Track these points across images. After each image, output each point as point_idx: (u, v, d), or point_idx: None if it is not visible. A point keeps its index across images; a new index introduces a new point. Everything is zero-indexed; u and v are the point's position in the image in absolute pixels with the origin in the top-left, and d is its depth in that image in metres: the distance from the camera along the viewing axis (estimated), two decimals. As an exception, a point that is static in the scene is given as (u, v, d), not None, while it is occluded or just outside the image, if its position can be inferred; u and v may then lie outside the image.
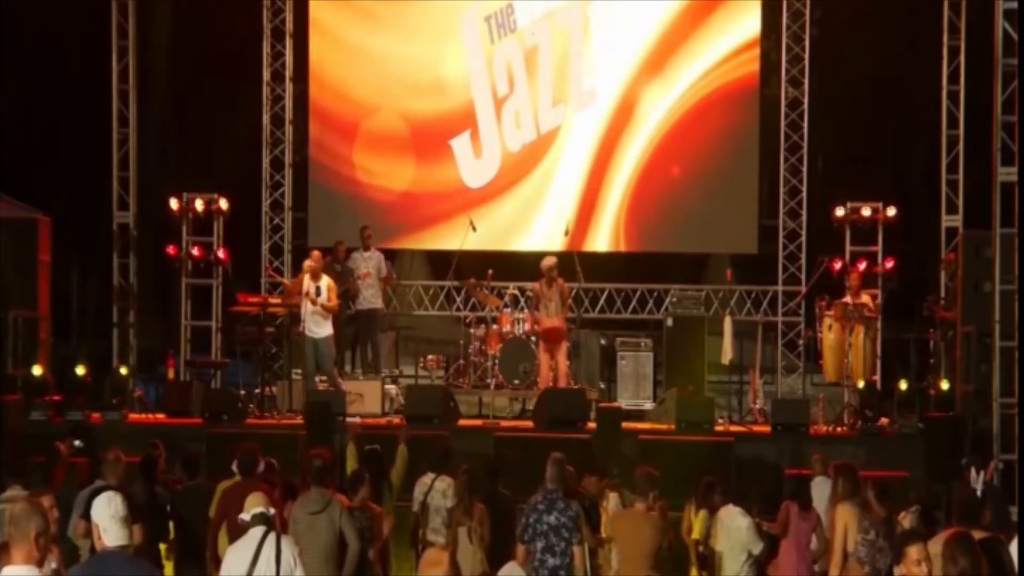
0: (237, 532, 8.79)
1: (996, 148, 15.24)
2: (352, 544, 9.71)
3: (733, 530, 10.49)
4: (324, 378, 17.61)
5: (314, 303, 16.91)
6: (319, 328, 17.07)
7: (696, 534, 11.01)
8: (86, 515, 10.10)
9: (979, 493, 10.47)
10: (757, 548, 10.47)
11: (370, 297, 18.33)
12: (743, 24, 19.74)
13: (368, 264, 18.40)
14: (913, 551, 6.89)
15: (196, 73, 20.94)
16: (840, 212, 18.86)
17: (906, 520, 10.01)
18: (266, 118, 20.52)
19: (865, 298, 17.57)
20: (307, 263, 17.30)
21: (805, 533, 10.64)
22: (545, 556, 9.82)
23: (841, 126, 20.23)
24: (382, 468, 11.75)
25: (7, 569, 6.07)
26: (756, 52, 19.78)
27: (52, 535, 6.30)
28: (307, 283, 17.10)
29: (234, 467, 10.80)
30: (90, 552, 9.68)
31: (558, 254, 18.58)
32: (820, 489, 11.28)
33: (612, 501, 11.51)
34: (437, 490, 11.51)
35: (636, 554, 10.26)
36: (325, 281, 17.13)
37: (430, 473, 11.69)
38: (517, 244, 20.00)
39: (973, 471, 12.29)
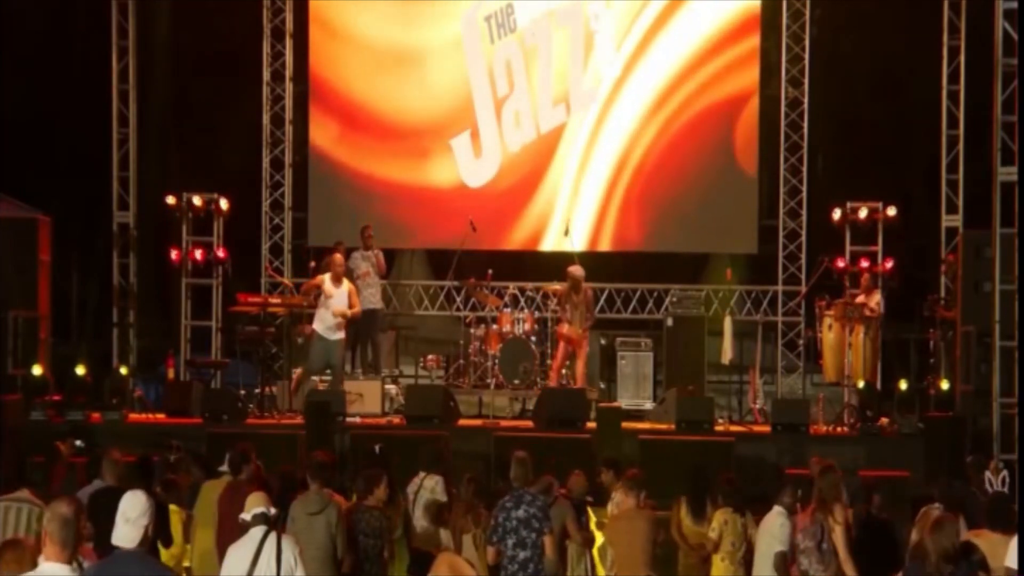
0: (233, 532, 8.79)
1: (996, 148, 15.26)
2: (339, 552, 9.71)
3: (774, 529, 10.24)
4: (327, 378, 17.58)
5: (345, 316, 16.89)
6: (335, 332, 17.04)
7: (714, 532, 10.81)
8: (88, 516, 10.15)
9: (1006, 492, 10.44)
10: (781, 547, 10.19)
11: (370, 297, 18.31)
12: (743, 24, 19.74)
13: (368, 263, 18.39)
14: None
15: (196, 73, 20.91)
16: (839, 212, 18.86)
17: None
18: (266, 118, 20.51)
19: (876, 298, 17.54)
20: (333, 264, 17.17)
21: None
22: (516, 551, 9.81)
23: (841, 126, 20.23)
24: (388, 468, 11.76)
25: (44, 566, 6.20)
26: (756, 52, 19.79)
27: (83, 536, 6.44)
28: (328, 284, 17.04)
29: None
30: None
31: (558, 254, 18.56)
32: None
33: (617, 497, 11.45)
34: (426, 488, 11.56)
35: (631, 553, 10.24)
36: (346, 286, 17.09)
37: (421, 472, 11.74)
38: (517, 244, 20.01)
39: (988, 474, 12.28)
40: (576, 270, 17.77)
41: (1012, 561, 7.99)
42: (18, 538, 7.48)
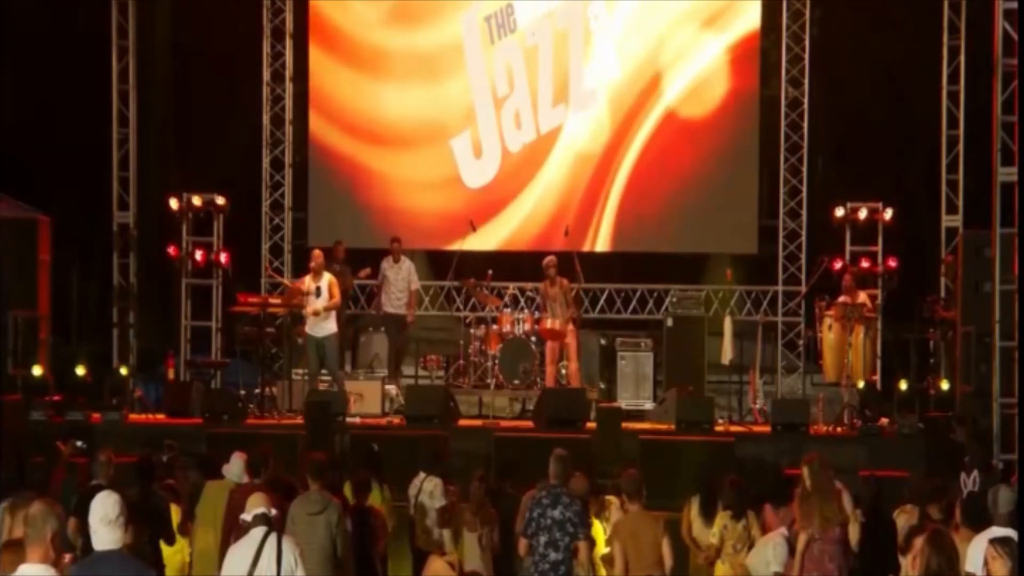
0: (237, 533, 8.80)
1: (996, 148, 15.25)
2: (339, 552, 9.73)
3: (767, 552, 10.26)
4: (327, 377, 17.58)
5: (317, 313, 16.89)
6: (320, 327, 17.05)
7: (715, 538, 10.79)
8: (77, 513, 10.17)
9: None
10: (779, 565, 10.20)
11: (396, 303, 18.43)
12: (743, 24, 19.74)
13: (397, 275, 18.44)
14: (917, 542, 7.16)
15: (196, 73, 20.92)
16: (839, 212, 18.86)
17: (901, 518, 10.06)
18: (266, 118, 20.52)
19: (863, 298, 17.57)
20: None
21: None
22: (548, 551, 9.81)
23: (841, 126, 20.23)
24: (381, 468, 11.79)
25: (23, 568, 6.16)
26: (756, 52, 19.80)
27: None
28: (308, 283, 17.11)
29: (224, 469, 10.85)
30: (82, 550, 9.75)
31: (558, 254, 18.58)
32: None
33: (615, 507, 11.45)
34: (425, 491, 11.56)
35: (640, 556, 10.23)
36: (326, 278, 17.11)
37: (421, 473, 11.74)
38: (517, 244, 20.01)
39: (963, 474, 12.31)
40: (547, 260, 17.82)
41: (973, 566, 7.96)
42: (19, 538, 7.45)
